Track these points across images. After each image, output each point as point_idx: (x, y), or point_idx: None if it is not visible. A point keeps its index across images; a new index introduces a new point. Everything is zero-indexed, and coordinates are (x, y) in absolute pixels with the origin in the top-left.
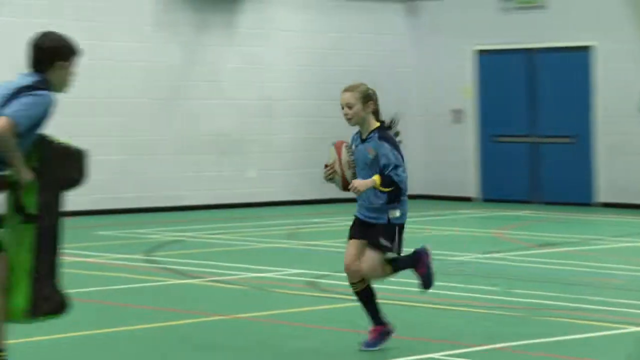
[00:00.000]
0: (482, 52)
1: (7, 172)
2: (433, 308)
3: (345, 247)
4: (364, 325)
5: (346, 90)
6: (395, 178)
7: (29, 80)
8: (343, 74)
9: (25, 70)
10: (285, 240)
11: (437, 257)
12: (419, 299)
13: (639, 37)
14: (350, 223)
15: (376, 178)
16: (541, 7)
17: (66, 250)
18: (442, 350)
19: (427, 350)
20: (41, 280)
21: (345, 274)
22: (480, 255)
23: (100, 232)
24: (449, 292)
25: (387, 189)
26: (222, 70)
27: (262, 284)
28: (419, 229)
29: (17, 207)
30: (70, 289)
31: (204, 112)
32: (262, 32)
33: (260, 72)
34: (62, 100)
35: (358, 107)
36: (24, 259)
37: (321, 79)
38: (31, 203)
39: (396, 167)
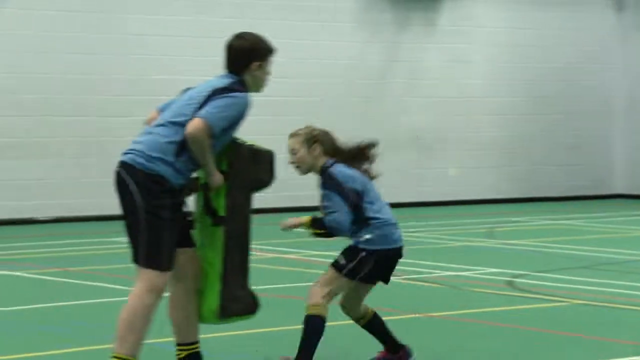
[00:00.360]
0: None
1: (198, 175)
2: (622, 308)
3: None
4: (561, 326)
5: (290, 136)
6: (326, 223)
7: (224, 81)
8: (545, 71)
9: (222, 71)
10: (483, 239)
11: (636, 257)
12: (608, 299)
13: None
14: (549, 222)
15: (307, 219)
16: None
17: (264, 247)
18: (633, 354)
19: (617, 354)
20: (232, 282)
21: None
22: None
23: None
24: (607, 290)
25: (318, 231)
26: (422, 68)
27: (459, 282)
28: (621, 229)
29: (207, 209)
30: (267, 285)
31: (403, 110)
32: (462, 29)
33: (459, 69)
34: (261, 100)
35: (303, 152)
36: (215, 260)
37: (521, 76)
38: (220, 205)
39: (331, 213)
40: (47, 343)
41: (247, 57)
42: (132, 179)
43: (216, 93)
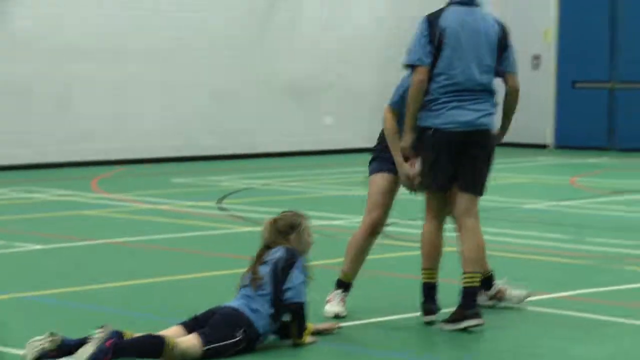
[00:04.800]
0: None
1: None
2: (504, 257)
3: None
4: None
5: None
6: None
7: None
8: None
9: None
10: (358, 188)
11: (510, 205)
12: (491, 247)
13: None
14: None
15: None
16: None
17: (140, 198)
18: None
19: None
20: None
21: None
22: (553, 203)
23: (175, 180)
24: (521, 241)
25: None
26: (301, 15)
27: (332, 231)
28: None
29: None
30: (141, 236)
31: (284, 58)
32: None
33: (339, 17)
34: (142, 48)
35: None
36: None
37: (400, 23)
38: None
39: None
40: None
41: None
42: None
43: None
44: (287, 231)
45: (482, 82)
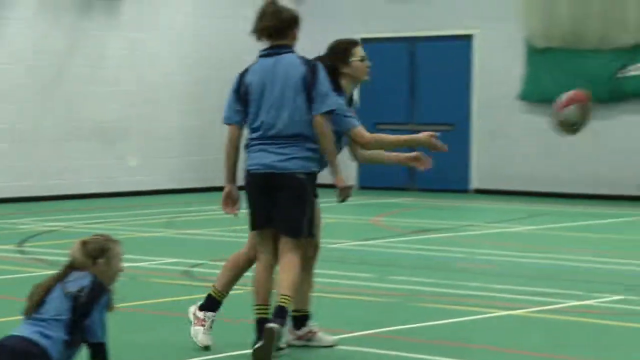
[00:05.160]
0: (365, 41)
1: None
2: (310, 296)
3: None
4: (238, 314)
5: None
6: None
7: None
8: (228, 60)
9: None
10: (162, 229)
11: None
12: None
13: (518, 25)
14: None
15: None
16: None
17: None
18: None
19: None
20: None
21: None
22: (356, 243)
23: None
24: (325, 280)
25: None
26: (105, 56)
27: (137, 273)
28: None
29: None
30: None
31: (86, 99)
32: (145, 18)
33: (143, 58)
34: None
35: None
36: None
37: (205, 66)
38: None
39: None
40: None
41: None
42: None
43: None
44: (96, 255)
45: (289, 128)
